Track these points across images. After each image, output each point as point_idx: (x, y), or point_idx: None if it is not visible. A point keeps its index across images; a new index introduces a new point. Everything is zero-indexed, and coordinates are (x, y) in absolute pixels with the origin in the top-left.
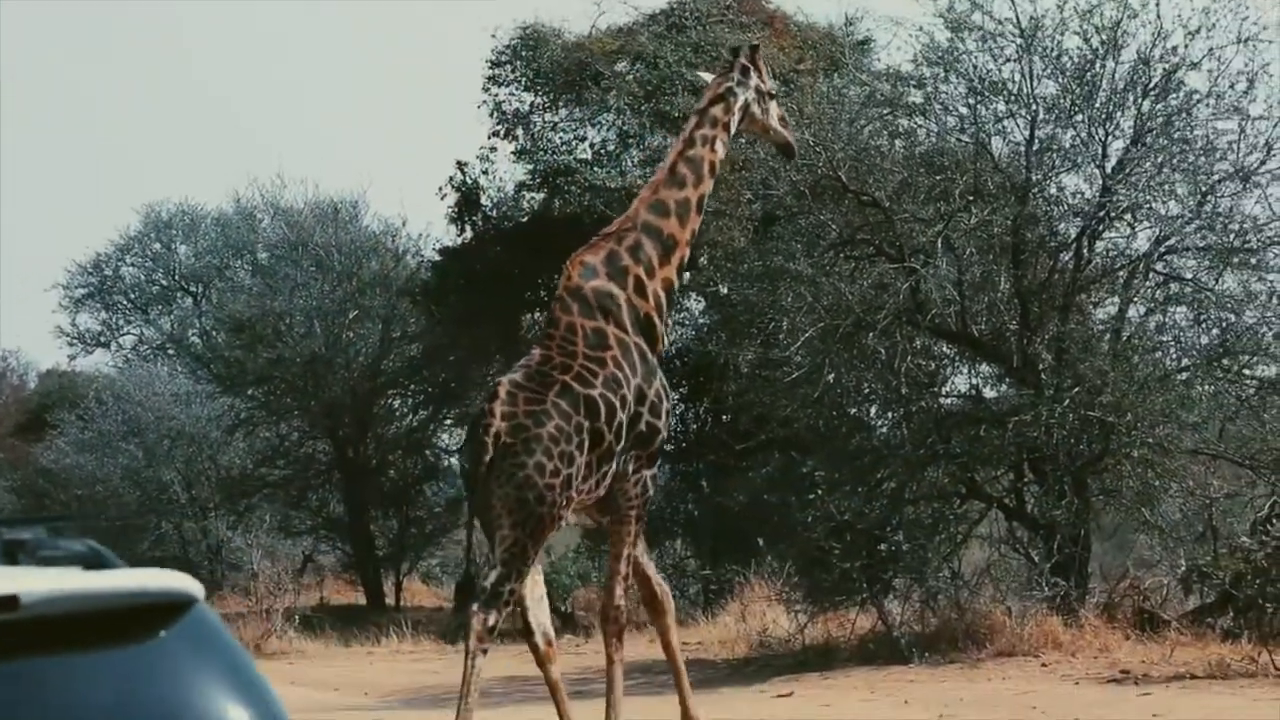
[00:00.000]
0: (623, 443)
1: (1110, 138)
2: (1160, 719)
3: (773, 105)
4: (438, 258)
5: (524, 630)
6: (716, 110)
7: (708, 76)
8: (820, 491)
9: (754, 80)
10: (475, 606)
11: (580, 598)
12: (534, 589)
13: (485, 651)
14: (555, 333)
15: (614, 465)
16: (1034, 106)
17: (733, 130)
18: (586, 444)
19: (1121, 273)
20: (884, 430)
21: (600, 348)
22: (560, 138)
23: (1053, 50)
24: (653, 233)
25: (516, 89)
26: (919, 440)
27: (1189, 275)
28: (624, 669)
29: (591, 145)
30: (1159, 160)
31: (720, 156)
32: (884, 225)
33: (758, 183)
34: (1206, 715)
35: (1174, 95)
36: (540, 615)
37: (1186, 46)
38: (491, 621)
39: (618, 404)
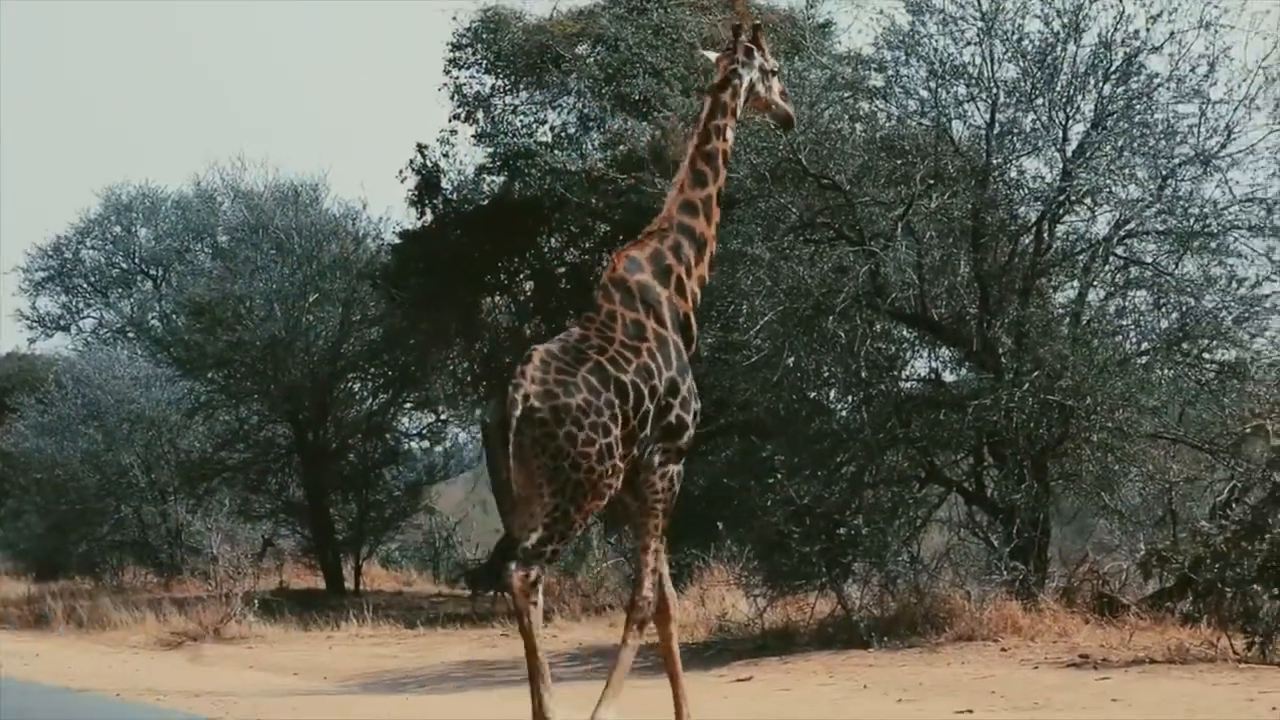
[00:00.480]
0: (647, 431)
1: (1071, 121)
2: (1119, 703)
3: (775, 81)
4: (398, 241)
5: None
6: (725, 96)
7: (712, 55)
8: (779, 475)
9: (758, 60)
10: (514, 565)
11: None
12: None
13: (536, 604)
14: (596, 317)
15: (640, 455)
16: (995, 90)
17: (739, 114)
18: (619, 421)
19: (1081, 257)
20: (844, 414)
21: (638, 338)
22: (521, 121)
23: (1014, 34)
24: (687, 232)
25: (477, 72)
26: (878, 424)
27: (1149, 259)
28: (592, 653)
29: (552, 128)
30: (1119, 144)
31: (730, 144)
32: (844, 209)
33: None
34: (1165, 699)
35: (1135, 79)
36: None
37: (1148, 30)
38: (533, 575)
39: (647, 392)
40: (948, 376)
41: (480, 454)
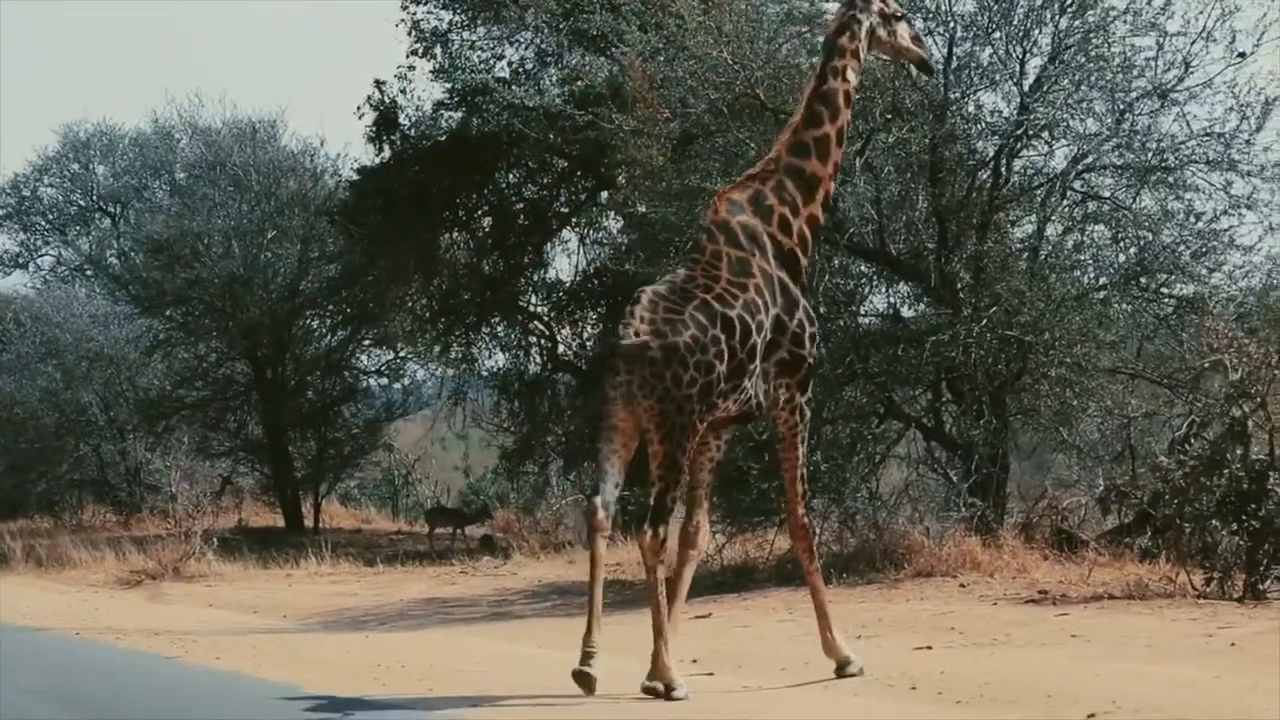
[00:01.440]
0: (755, 364)
1: (1028, 55)
2: (1078, 639)
3: (901, 26)
4: (356, 177)
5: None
6: (843, 40)
7: (833, 5)
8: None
9: (876, 5)
10: (646, 528)
11: (499, 519)
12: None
13: (662, 562)
14: (701, 258)
15: (751, 388)
16: (952, 24)
17: (863, 56)
18: (725, 356)
19: (1039, 191)
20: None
21: (744, 274)
22: (478, 56)
23: None
24: (794, 172)
25: (435, 7)
26: (837, 360)
27: (1107, 194)
28: (551, 590)
29: (510, 64)
30: (1076, 78)
31: (853, 84)
32: None
33: (676, 101)
34: (1124, 635)
35: (1091, 12)
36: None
37: None
38: (662, 535)
39: (753, 327)
40: (906, 312)
41: (440, 390)
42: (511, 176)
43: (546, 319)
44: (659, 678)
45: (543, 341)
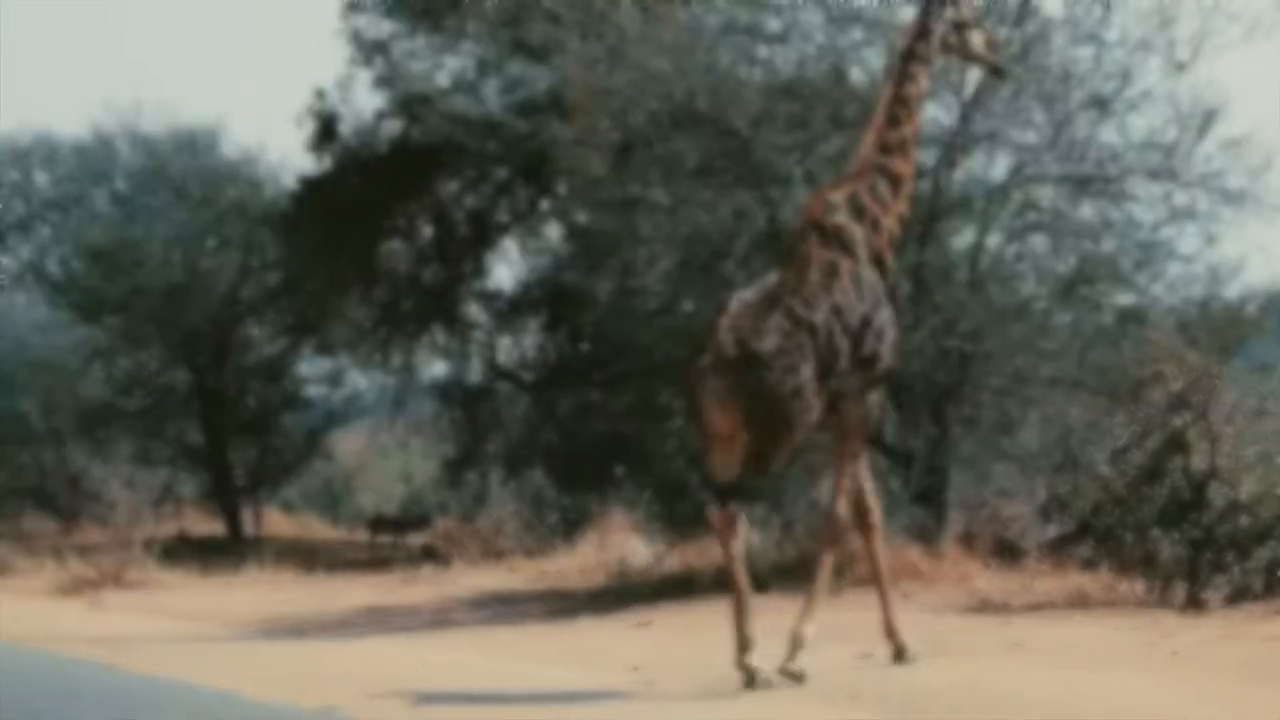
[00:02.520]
0: (843, 363)
1: (967, 66)
2: (1020, 648)
3: (974, 34)
4: (296, 186)
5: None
6: (918, 46)
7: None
8: (678, 421)
9: (949, 13)
10: (716, 504)
11: (440, 528)
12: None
13: (737, 536)
14: (793, 260)
15: (839, 385)
16: (892, 34)
17: (933, 62)
18: (812, 359)
19: (979, 201)
20: None
21: (831, 276)
22: (419, 66)
23: None
24: (883, 172)
25: (375, 16)
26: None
27: (1046, 204)
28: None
29: (450, 72)
30: (1016, 88)
31: (924, 88)
32: (742, 154)
33: (616, 110)
34: (1066, 644)
35: (1030, 22)
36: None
37: None
38: (731, 511)
39: (839, 329)
40: None
41: (381, 399)
42: (452, 186)
43: (487, 328)
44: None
45: (483, 351)
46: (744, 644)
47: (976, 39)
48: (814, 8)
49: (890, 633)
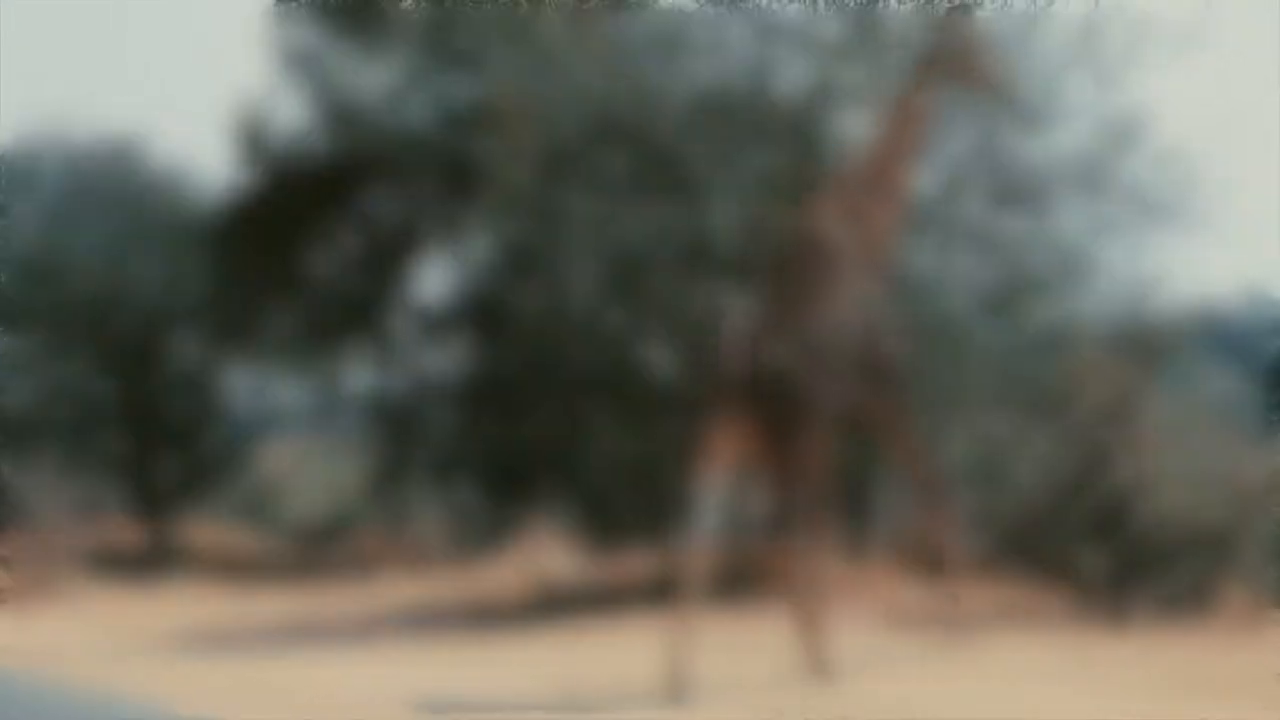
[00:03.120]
0: (860, 376)
1: (895, 78)
2: (944, 662)
3: (989, 57)
4: (221, 197)
5: None
6: (934, 63)
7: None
8: (603, 434)
9: (965, 34)
10: (783, 537)
11: (365, 540)
12: None
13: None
14: (797, 272)
15: (858, 394)
16: (818, 47)
17: (944, 79)
18: (822, 374)
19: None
20: (668, 372)
21: (834, 285)
22: (345, 77)
23: None
24: (882, 181)
25: (302, 27)
26: (703, 384)
27: (972, 217)
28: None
29: (377, 85)
30: (943, 101)
31: (933, 104)
32: (668, 165)
33: (542, 122)
34: (990, 657)
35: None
36: None
37: None
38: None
39: (853, 340)
40: None
41: (306, 411)
42: (378, 197)
43: (413, 340)
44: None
45: (408, 363)
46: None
47: (991, 64)
48: (740, 20)
49: (813, 648)
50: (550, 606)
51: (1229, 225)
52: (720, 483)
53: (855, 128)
